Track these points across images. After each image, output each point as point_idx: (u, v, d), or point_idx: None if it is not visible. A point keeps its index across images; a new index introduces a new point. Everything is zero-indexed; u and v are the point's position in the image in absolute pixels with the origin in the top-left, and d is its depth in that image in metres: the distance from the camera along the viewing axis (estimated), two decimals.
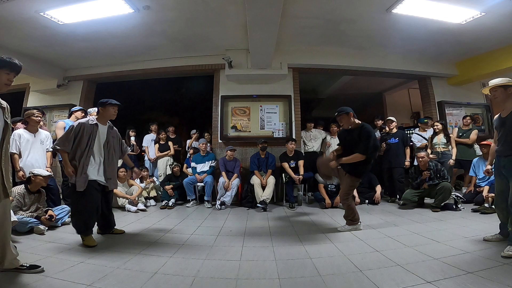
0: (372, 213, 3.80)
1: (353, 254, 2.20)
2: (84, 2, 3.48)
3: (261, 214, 3.87)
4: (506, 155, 2.17)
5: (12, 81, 1.79)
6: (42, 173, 2.98)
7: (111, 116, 2.73)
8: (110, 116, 2.73)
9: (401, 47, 5.07)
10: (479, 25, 4.04)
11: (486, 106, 5.99)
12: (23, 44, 4.53)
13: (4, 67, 1.72)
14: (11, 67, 1.76)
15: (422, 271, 1.80)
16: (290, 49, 5.11)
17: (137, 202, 4.11)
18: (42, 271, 1.82)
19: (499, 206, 2.37)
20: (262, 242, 2.57)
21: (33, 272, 1.80)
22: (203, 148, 4.78)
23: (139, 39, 4.61)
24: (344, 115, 2.91)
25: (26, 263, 1.85)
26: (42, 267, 1.84)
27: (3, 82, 1.73)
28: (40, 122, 3.53)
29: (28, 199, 2.89)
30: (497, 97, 2.24)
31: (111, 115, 2.72)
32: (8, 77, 1.75)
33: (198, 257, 2.18)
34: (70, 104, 5.65)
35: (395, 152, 4.45)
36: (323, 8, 3.80)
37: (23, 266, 1.81)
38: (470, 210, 3.62)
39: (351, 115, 2.91)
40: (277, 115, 5.30)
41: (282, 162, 4.58)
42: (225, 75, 5.20)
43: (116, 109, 2.74)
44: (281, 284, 1.71)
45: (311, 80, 7.08)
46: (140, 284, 1.70)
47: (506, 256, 1.98)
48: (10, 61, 1.75)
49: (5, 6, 3.39)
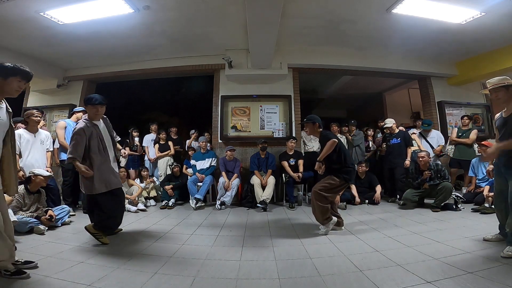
0: (372, 213, 3.80)
1: (353, 254, 2.20)
2: (84, 2, 3.47)
3: (261, 214, 3.87)
4: (507, 155, 2.16)
5: (22, 88, 1.86)
6: (43, 173, 2.98)
7: (94, 117, 2.56)
8: (93, 117, 2.56)
9: (401, 47, 5.07)
10: (479, 25, 4.04)
11: (486, 106, 5.99)
12: (23, 44, 4.53)
13: (17, 75, 1.78)
14: (24, 75, 1.82)
15: (422, 271, 1.80)
16: (290, 49, 5.11)
17: (137, 202, 4.11)
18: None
19: (498, 206, 2.37)
20: (262, 242, 2.57)
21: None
22: (204, 146, 4.78)
23: (139, 39, 4.61)
24: (310, 124, 3.00)
25: (21, 258, 1.87)
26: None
27: (14, 88, 1.79)
28: (40, 122, 3.53)
29: (28, 199, 2.89)
30: (500, 98, 2.21)
31: (93, 116, 2.55)
32: (19, 85, 1.81)
33: (198, 257, 2.18)
34: (70, 104, 5.66)
35: (397, 152, 4.44)
36: (323, 8, 3.80)
37: (17, 262, 1.82)
38: (470, 210, 3.62)
39: (316, 126, 2.98)
40: (277, 115, 5.30)
41: (282, 161, 4.58)
42: (225, 75, 5.20)
43: (98, 108, 2.54)
44: (281, 284, 1.71)
45: (311, 80, 7.07)
46: (140, 284, 1.70)
47: (506, 256, 1.98)
48: (23, 70, 1.81)
49: (5, 6, 3.39)
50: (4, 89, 1.77)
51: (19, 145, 3.22)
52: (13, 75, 1.76)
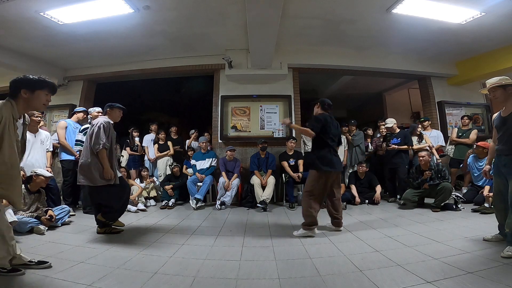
0: (372, 213, 3.80)
1: (353, 254, 2.20)
2: (84, 2, 3.48)
3: (261, 214, 3.87)
4: (507, 154, 2.16)
5: (50, 101, 1.82)
6: (45, 174, 2.99)
7: (117, 119, 2.93)
8: (116, 119, 2.92)
9: (401, 47, 5.08)
10: (479, 25, 4.04)
11: (486, 106, 5.99)
12: (23, 44, 4.53)
13: (44, 88, 1.73)
14: (51, 88, 1.78)
15: (422, 271, 1.80)
16: (290, 49, 5.11)
17: (137, 202, 4.11)
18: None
19: (497, 206, 2.37)
20: (262, 242, 2.56)
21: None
22: (204, 146, 4.78)
23: (139, 39, 4.61)
24: (316, 104, 3.07)
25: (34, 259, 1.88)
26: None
27: (42, 102, 1.74)
28: (40, 122, 3.53)
29: (28, 199, 2.88)
30: (498, 97, 2.23)
31: (117, 118, 2.92)
32: (47, 98, 1.77)
33: (198, 257, 2.18)
34: (70, 104, 5.66)
35: (397, 152, 4.44)
36: (323, 8, 3.81)
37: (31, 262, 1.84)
38: (470, 210, 3.62)
39: (318, 106, 3.04)
40: (277, 115, 5.30)
41: (282, 161, 4.58)
42: (225, 75, 5.20)
43: (121, 112, 2.96)
44: (281, 284, 1.71)
45: (311, 80, 7.07)
46: (140, 284, 1.70)
47: (506, 256, 1.98)
48: (50, 82, 1.77)
49: (5, 6, 3.40)
50: (31, 104, 1.70)
51: None
52: (40, 88, 1.69)
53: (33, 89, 1.67)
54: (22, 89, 1.65)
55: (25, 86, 1.66)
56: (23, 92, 1.65)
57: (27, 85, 1.66)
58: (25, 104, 1.69)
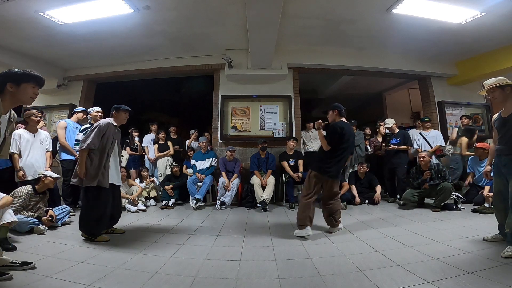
0: (372, 213, 3.80)
1: (353, 254, 2.20)
2: (84, 2, 3.48)
3: (261, 214, 3.87)
4: (507, 154, 2.16)
5: (37, 94, 1.77)
6: (52, 175, 2.99)
7: (123, 121, 2.89)
8: (122, 121, 2.88)
9: (401, 47, 5.08)
10: (479, 25, 4.04)
11: (486, 106, 5.99)
12: (23, 44, 4.53)
13: (30, 81, 1.69)
14: (37, 81, 1.74)
15: (422, 271, 1.81)
16: (290, 49, 5.11)
17: (137, 202, 4.11)
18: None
19: (497, 206, 2.37)
20: (262, 242, 2.57)
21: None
22: (204, 146, 4.78)
23: (139, 39, 4.61)
24: (331, 111, 2.98)
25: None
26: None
27: (29, 95, 1.71)
28: (40, 122, 3.53)
29: (33, 199, 2.89)
30: (497, 98, 2.23)
31: (122, 120, 2.88)
32: (33, 91, 1.73)
33: (198, 257, 2.18)
34: (70, 104, 5.66)
35: (396, 152, 4.44)
36: (323, 8, 3.81)
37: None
38: (470, 210, 3.63)
39: (336, 113, 2.95)
40: (277, 115, 5.30)
41: (282, 161, 4.58)
42: (225, 75, 5.20)
43: (127, 114, 2.91)
44: (281, 284, 1.71)
45: (311, 80, 7.07)
46: (140, 284, 1.70)
47: (506, 256, 1.98)
48: (35, 74, 1.72)
49: (5, 6, 3.40)
50: (18, 97, 1.67)
51: (18, 145, 3.24)
52: (26, 81, 1.67)
53: (19, 82, 1.64)
54: (7, 83, 1.62)
55: (10, 80, 1.62)
56: (9, 86, 1.62)
57: (12, 79, 1.63)
58: (12, 99, 1.66)
